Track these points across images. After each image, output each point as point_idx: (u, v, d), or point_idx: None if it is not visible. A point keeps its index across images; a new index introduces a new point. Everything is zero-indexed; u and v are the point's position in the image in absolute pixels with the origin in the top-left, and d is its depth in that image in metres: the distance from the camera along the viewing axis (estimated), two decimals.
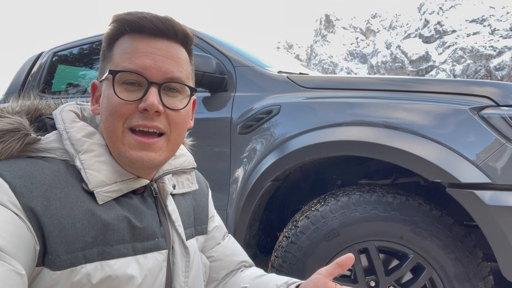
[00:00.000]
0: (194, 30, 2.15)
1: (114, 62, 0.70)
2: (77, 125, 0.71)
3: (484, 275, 1.36)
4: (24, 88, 3.00)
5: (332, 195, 1.55)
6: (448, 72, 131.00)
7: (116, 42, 0.72)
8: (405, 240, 1.38)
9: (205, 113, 1.91)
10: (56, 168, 0.65)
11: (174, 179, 0.86)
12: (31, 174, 0.61)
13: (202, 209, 0.94)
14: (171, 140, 0.72)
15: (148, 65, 0.68)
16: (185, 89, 0.74)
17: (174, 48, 0.72)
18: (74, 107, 0.78)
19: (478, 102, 1.37)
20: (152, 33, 0.70)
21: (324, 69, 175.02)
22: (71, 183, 0.65)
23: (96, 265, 0.63)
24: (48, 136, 0.70)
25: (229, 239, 1.01)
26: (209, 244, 0.95)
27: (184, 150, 0.91)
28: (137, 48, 0.69)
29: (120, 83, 0.68)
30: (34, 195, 0.59)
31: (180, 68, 0.72)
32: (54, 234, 0.60)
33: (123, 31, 0.71)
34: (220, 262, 0.95)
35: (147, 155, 0.69)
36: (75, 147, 0.68)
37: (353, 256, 0.69)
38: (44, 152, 0.67)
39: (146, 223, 0.72)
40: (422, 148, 1.34)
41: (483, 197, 1.23)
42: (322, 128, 1.54)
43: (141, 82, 0.69)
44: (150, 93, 0.67)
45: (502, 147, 1.27)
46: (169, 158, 0.76)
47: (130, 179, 0.72)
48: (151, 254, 0.71)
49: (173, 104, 0.71)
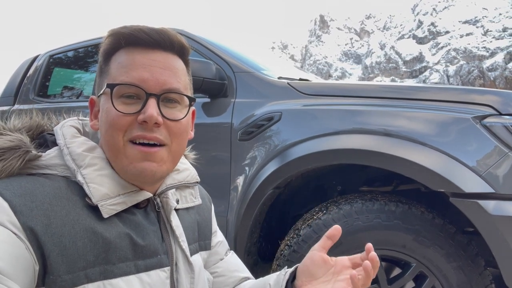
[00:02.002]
0: (193, 35, 2.14)
1: (111, 76, 0.69)
2: (78, 140, 0.70)
3: (486, 283, 1.36)
4: (19, 91, 2.97)
5: (334, 203, 1.54)
6: (441, 72, 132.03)
7: (113, 56, 0.71)
8: (408, 248, 1.38)
9: (205, 118, 1.90)
10: (57, 186, 0.64)
11: (177, 194, 0.85)
12: (31, 192, 0.60)
13: (206, 224, 0.93)
14: (172, 151, 0.71)
15: (146, 77, 0.68)
16: (184, 99, 0.73)
17: (171, 59, 0.72)
18: (76, 122, 0.77)
19: (480, 111, 1.37)
20: (148, 45, 0.70)
21: (318, 70, 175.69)
22: (72, 201, 0.64)
23: (98, 284, 0.62)
24: (49, 153, 0.69)
25: (232, 255, 1.01)
26: (213, 259, 0.95)
27: (188, 165, 0.90)
28: (133, 61, 0.68)
29: (118, 97, 0.68)
30: (35, 214, 0.58)
31: (177, 78, 0.71)
32: (55, 253, 0.59)
33: (119, 45, 0.70)
34: (223, 278, 0.94)
35: (149, 165, 0.68)
36: (76, 162, 0.67)
37: (340, 228, 0.76)
38: (45, 169, 0.66)
39: (148, 240, 0.71)
40: (425, 157, 1.33)
41: (487, 206, 1.23)
42: (324, 136, 1.53)
43: (140, 94, 0.68)
44: (149, 105, 0.67)
45: (504, 157, 1.28)
46: (171, 170, 0.75)
47: (134, 191, 0.71)
48: (154, 272, 0.70)
49: (172, 115, 0.70)
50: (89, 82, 2.81)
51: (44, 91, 2.90)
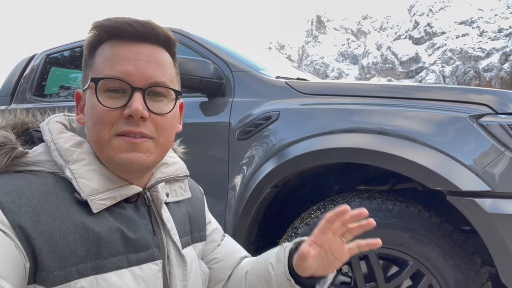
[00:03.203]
0: (191, 34, 2.14)
1: (96, 69, 0.69)
2: (65, 136, 0.70)
3: (482, 281, 1.37)
4: (16, 90, 2.95)
5: (331, 202, 1.55)
6: (437, 73, 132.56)
7: (97, 49, 0.70)
8: (405, 247, 1.39)
9: (203, 118, 1.90)
10: (44, 182, 0.64)
11: (167, 188, 0.85)
12: (19, 190, 0.60)
13: (199, 216, 0.93)
14: (159, 143, 0.71)
15: (131, 71, 0.67)
16: (170, 92, 0.73)
17: (156, 52, 0.71)
18: (62, 118, 0.77)
19: (477, 110, 1.38)
20: (133, 38, 0.69)
21: (315, 70, 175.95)
22: (61, 197, 0.64)
23: (91, 279, 0.62)
24: (36, 149, 0.69)
25: (227, 238, 1.03)
26: (210, 247, 0.96)
27: (177, 158, 0.90)
28: (118, 54, 0.68)
29: (104, 91, 0.67)
30: (23, 211, 0.58)
31: (163, 72, 0.71)
32: (46, 249, 0.58)
33: (103, 38, 0.69)
34: (224, 262, 0.96)
35: (135, 155, 0.68)
36: (64, 158, 0.67)
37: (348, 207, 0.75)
38: (32, 166, 0.66)
39: (140, 233, 0.71)
40: (422, 156, 1.34)
41: (483, 205, 1.24)
42: (321, 135, 1.54)
43: (125, 88, 0.67)
44: (134, 99, 0.66)
45: (501, 155, 1.29)
46: (159, 161, 0.75)
47: (123, 185, 0.71)
48: (146, 265, 0.70)
49: (158, 109, 0.70)
50: None
51: (40, 90, 2.89)
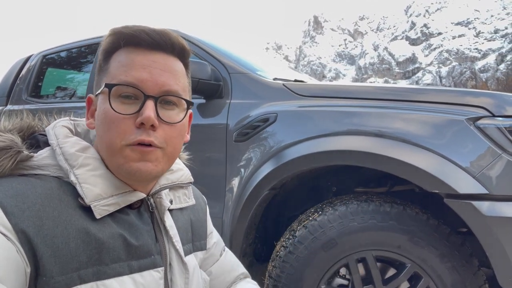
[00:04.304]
0: (188, 35, 2.14)
1: (110, 75, 0.69)
2: (71, 140, 0.70)
3: (480, 283, 1.38)
4: (12, 91, 2.94)
5: (329, 204, 1.54)
6: (434, 74, 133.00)
7: (113, 56, 0.71)
8: (403, 249, 1.39)
9: (201, 120, 1.90)
10: (48, 186, 0.63)
11: (171, 194, 0.84)
12: (23, 193, 0.60)
13: (201, 225, 0.93)
14: (167, 153, 0.71)
15: (145, 78, 0.67)
16: (182, 102, 0.73)
17: (171, 61, 0.72)
18: (68, 122, 0.76)
19: (474, 113, 1.38)
20: (149, 46, 0.69)
21: (312, 70, 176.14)
22: (65, 201, 0.63)
23: (91, 285, 0.61)
24: (41, 153, 0.69)
25: (226, 254, 1.01)
26: (209, 261, 0.95)
27: (181, 165, 0.90)
28: (133, 61, 0.68)
29: (116, 97, 0.67)
30: (26, 215, 0.58)
31: (177, 81, 0.71)
32: (48, 254, 0.58)
33: (120, 45, 0.70)
34: (218, 280, 0.95)
35: (144, 165, 0.68)
36: (69, 162, 0.66)
37: None
38: (37, 169, 0.66)
39: (142, 240, 0.70)
40: (420, 159, 1.34)
41: (481, 207, 1.24)
42: (319, 137, 1.53)
43: (138, 95, 0.68)
44: (146, 106, 0.66)
45: (498, 158, 1.29)
46: (166, 170, 0.75)
47: (127, 192, 0.71)
48: (148, 272, 0.70)
49: (169, 118, 0.70)
50: (83, 83, 2.79)
51: (37, 91, 2.88)
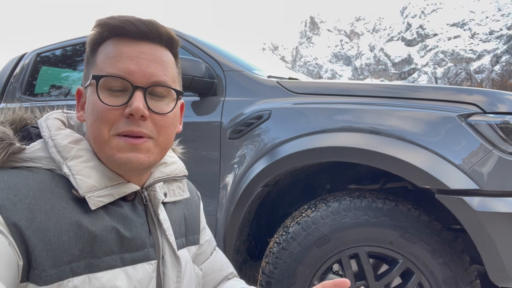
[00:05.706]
0: (183, 33, 2.13)
1: (98, 67, 0.69)
2: (63, 132, 0.69)
3: (471, 279, 1.39)
4: (6, 89, 2.92)
5: (322, 200, 1.55)
6: (429, 74, 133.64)
7: (100, 47, 0.70)
8: (395, 245, 1.40)
9: (195, 117, 1.90)
10: (41, 179, 0.63)
11: (165, 187, 0.84)
12: (14, 186, 0.59)
13: (194, 219, 0.92)
14: (159, 143, 0.71)
15: (132, 69, 0.67)
16: (172, 92, 0.72)
17: (158, 51, 0.71)
18: (60, 115, 0.76)
19: (466, 109, 1.39)
20: (136, 37, 0.69)
21: (309, 71, 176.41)
22: (57, 194, 0.63)
23: (83, 278, 0.61)
24: (33, 145, 0.68)
25: (217, 253, 1.01)
26: (199, 259, 0.94)
27: (176, 158, 0.89)
28: (120, 53, 0.67)
29: (105, 89, 0.67)
30: (18, 208, 0.57)
31: (165, 71, 0.71)
32: (40, 247, 0.58)
33: (106, 36, 0.69)
34: (208, 278, 0.95)
35: (135, 156, 0.67)
36: (62, 154, 0.66)
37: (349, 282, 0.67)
38: (29, 162, 0.65)
39: (135, 233, 0.70)
40: (411, 155, 1.35)
41: (472, 203, 1.25)
42: (312, 134, 1.54)
43: (126, 86, 0.67)
44: (135, 98, 0.66)
45: (489, 154, 1.30)
46: (158, 161, 0.74)
47: (121, 183, 0.70)
48: (140, 265, 0.70)
49: (159, 108, 0.70)
50: (77, 81, 2.78)
51: (31, 89, 2.86)
